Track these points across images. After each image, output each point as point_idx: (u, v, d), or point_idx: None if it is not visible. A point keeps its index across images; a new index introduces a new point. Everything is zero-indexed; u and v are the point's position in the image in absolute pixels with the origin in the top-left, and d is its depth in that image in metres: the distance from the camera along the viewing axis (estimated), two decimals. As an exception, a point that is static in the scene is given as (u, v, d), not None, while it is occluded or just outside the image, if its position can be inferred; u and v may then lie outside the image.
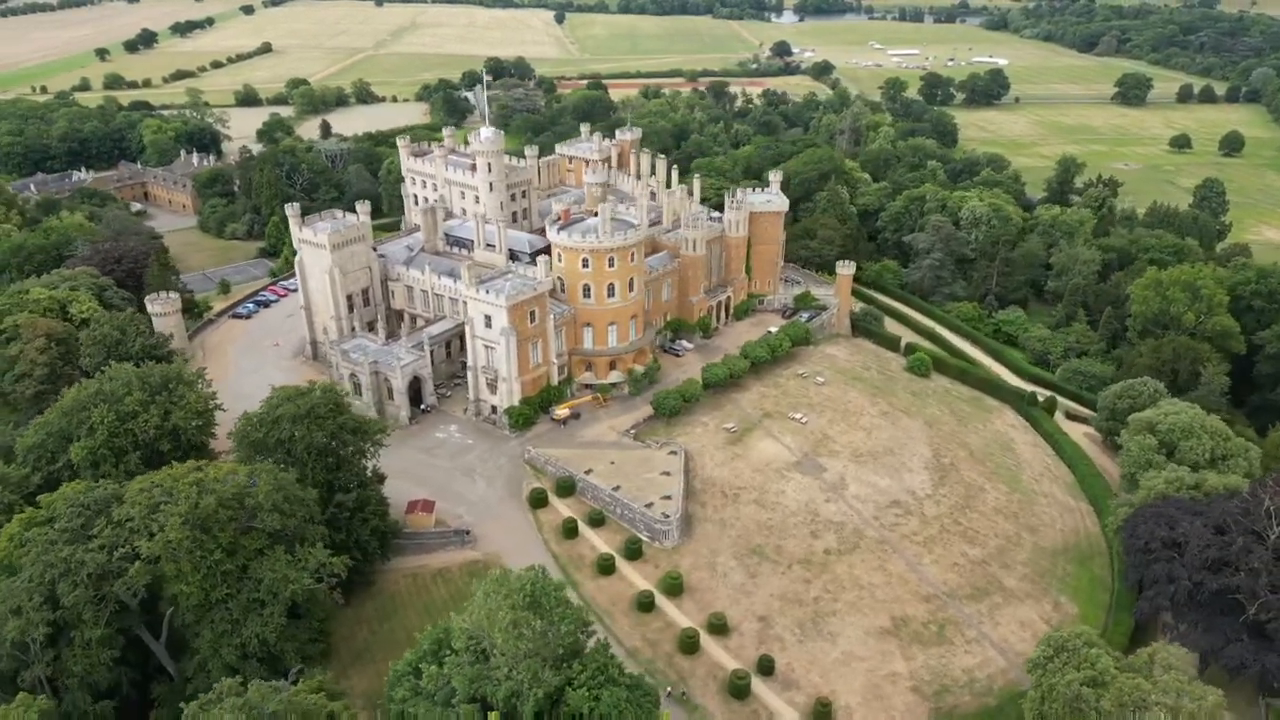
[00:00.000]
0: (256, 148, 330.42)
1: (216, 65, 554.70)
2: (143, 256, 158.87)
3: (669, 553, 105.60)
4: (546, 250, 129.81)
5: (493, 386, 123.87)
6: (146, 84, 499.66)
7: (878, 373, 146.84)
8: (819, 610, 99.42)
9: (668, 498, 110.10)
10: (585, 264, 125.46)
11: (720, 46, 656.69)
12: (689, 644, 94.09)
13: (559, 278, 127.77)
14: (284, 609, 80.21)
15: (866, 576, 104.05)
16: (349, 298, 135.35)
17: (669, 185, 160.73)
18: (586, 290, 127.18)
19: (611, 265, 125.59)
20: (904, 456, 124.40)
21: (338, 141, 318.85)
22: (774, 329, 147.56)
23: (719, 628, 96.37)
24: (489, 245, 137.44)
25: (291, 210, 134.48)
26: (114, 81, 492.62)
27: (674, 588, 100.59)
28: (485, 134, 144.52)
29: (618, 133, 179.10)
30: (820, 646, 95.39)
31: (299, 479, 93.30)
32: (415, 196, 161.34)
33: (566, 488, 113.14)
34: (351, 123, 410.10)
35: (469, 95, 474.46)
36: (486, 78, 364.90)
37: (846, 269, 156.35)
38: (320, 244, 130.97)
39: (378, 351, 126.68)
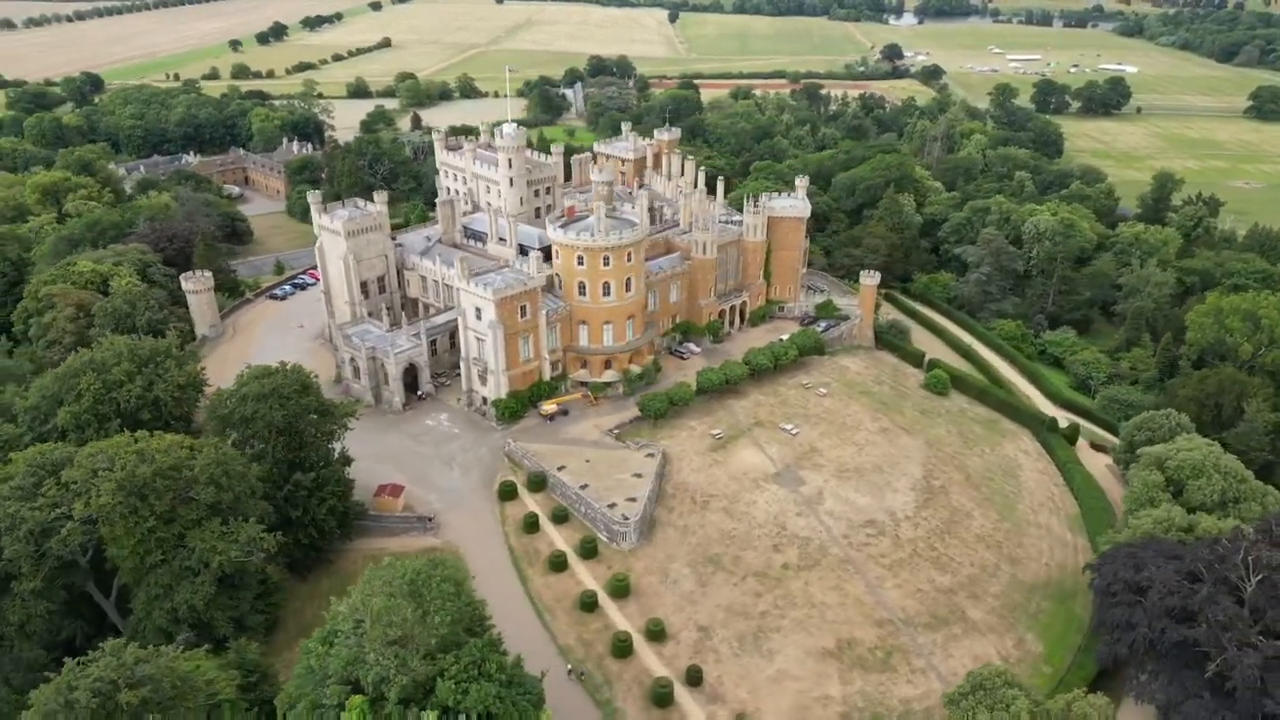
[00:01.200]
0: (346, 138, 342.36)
1: (337, 58, 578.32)
2: (194, 236, 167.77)
3: (624, 555, 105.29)
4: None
5: (484, 378, 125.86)
6: (270, 74, 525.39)
7: (889, 388, 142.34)
8: (763, 625, 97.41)
9: (632, 500, 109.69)
10: (580, 261, 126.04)
11: (830, 48, 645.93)
12: (621, 647, 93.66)
13: (556, 274, 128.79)
14: (214, 579, 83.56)
15: (821, 595, 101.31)
16: (364, 284, 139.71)
17: (696, 186, 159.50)
18: (582, 288, 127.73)
19: (606, 264, 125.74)
20: (892, 475, 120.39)
21: (422, 134, 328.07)
22: (785, 337, 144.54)
23: (656, 634, 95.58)
24: (501, 239, 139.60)
25: (313, 197, 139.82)
26: (240, 71, 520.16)
27: (620, 590, 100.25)
28: (507, 130, 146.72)
29: (656, 132, 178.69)
30: (755, 662, 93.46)
31: (257, 455, 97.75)
32: (447, 189, 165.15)
33: (538, 483, 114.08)
34: (450, 116, 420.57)
35: (567, 92, 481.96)
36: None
37: (870, 279, 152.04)
38: (336, 230, 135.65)
39: (379, 338, 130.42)
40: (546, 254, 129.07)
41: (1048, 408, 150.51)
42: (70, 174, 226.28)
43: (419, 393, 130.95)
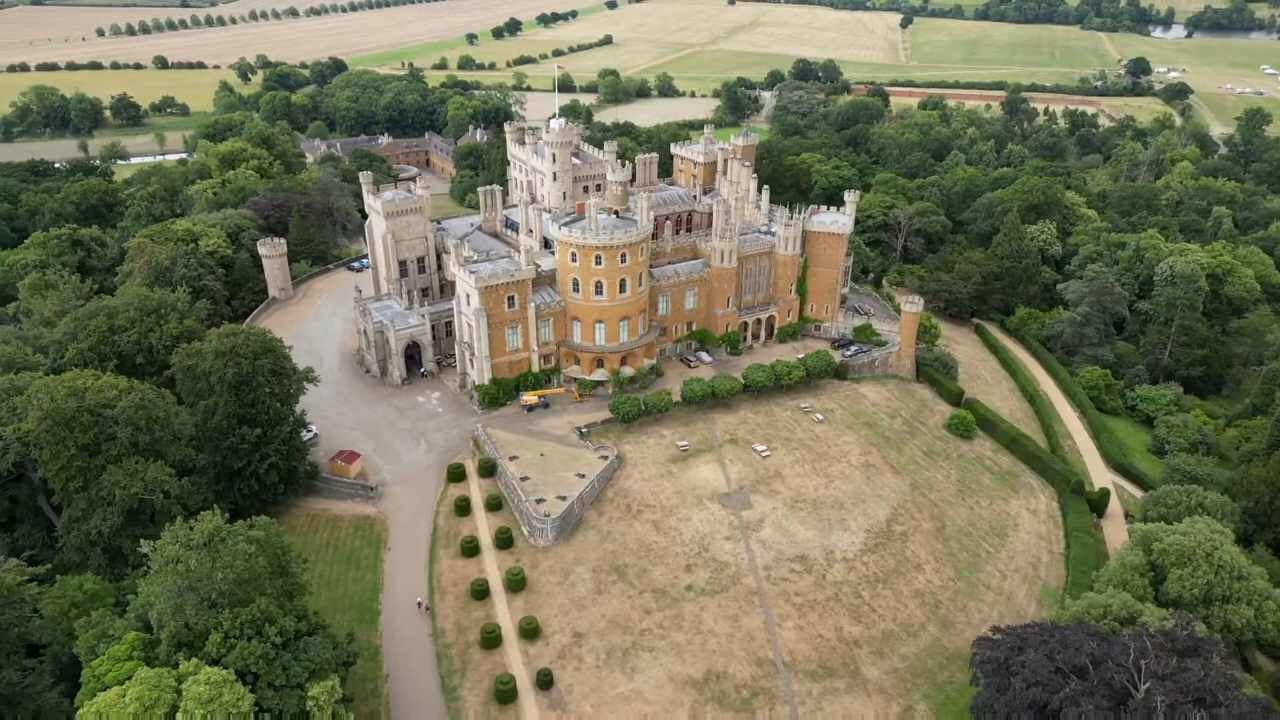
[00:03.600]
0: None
1: (557, 54, 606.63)
2: (299, 207, 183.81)
3: (536, 550, 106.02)
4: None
5: (473, 363, 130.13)
6: (490, 66, 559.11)
7: (903, 423, 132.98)
8: (639, 643, 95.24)
9: (563, 498, 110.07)
10: (574, 258, 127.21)
11: (1069, 60, 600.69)
12: (490, 639, 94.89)
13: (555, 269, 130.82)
14: (121, 510, 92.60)
15: (712, 623, 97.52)
16: (403, 263, 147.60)
17: (750, 193, 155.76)
18: (576, 285, 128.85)
19: (599, 263, 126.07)
20: (851, 513, 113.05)
21: (583, 127, 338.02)
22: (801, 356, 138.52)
23: (530, 632, 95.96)
24: (530, 230, 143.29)
25: (365, 178, 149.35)
26: (465, 63, 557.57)
27: (516, 584, 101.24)
28: (555, 125, 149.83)
29: (733, 137, 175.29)
30: (613, 678, 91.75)
31: (210, 407, 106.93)
32: (515, 180, 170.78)
33: (488, 468, 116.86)
34: (639, 113, 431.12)
35: (765, 94, 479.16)
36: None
37: (912, 307, 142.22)
38: (378, 211, 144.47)
39: (393, 315, 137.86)
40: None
41: (1096, 468, 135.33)
42: (249, 145, 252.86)
43: (422, 370, 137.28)
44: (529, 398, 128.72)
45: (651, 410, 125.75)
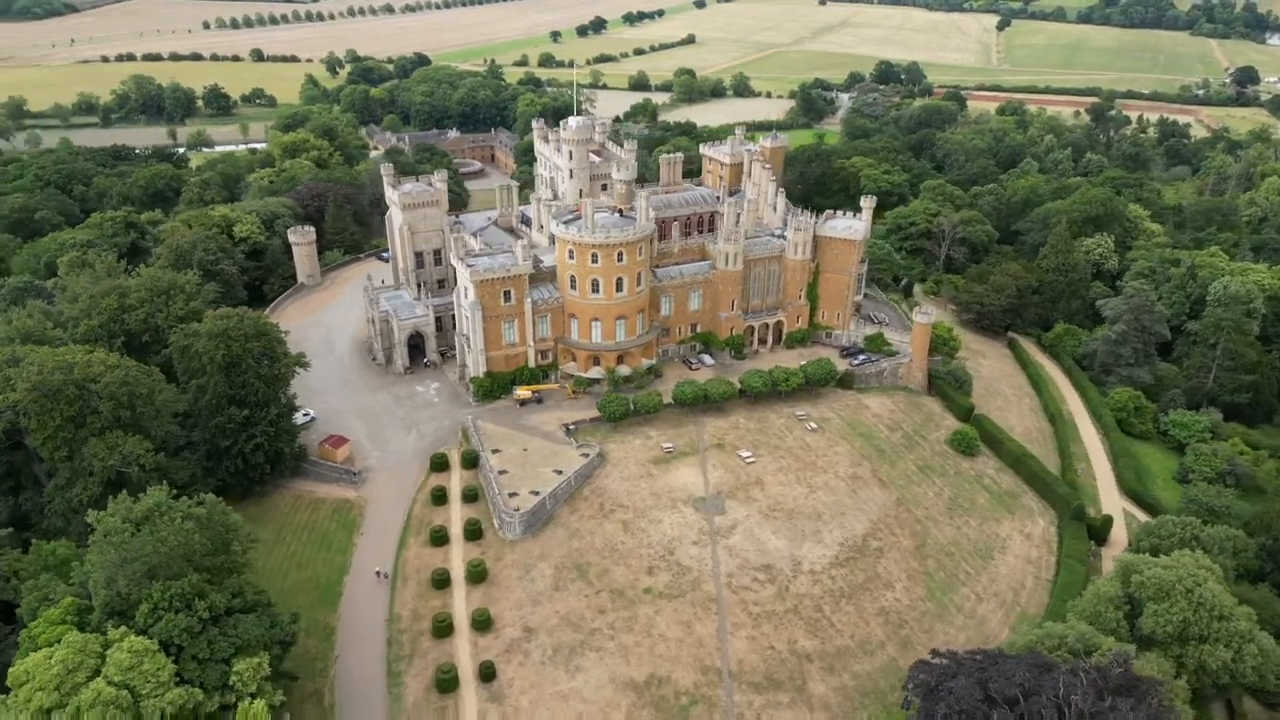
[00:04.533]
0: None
1: (638, 52, 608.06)
2: (336, 197, 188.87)
3: (502, 544, 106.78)
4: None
5: (470, 355, 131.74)
6: (570, 64, 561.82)
7: (902, 436, 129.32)
8: (587, 642, 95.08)
9: (536, 493, 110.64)
10: (571, 256, 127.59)
11: (1174, 67, 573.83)
12: (442, 628, 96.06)
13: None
14: (100, 482, 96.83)
15: (664, 627, 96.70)
16: (419, 255, 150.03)
17: (767, 196, 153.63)
18: (573, 282, 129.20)
19: (594, 261, 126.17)
20: (827, 526, 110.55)
21: (646, 127, 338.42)
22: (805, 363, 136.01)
23: (482, 624, 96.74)
24: (541, 226, 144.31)
25: (387, 170, 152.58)
26: (546, 60, 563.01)
27: (477, 575, 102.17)
28: (573, 123, 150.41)
29: (762, 139, 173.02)
30: (555, 675, 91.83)
31: (202, 386, 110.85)
32: (540, 176, 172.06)
33: (471, 460, 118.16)
34: (711, 113, 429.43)
35: (836, 96, 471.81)
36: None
37: (924, 318, 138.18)
38: (396, 203, 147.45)
39: (401, 305, 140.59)
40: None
41: (1108, 494, 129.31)
42: (311, 136, 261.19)
43: (425, 360, 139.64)
44: (522, 392, 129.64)
45: (641, 410, 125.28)
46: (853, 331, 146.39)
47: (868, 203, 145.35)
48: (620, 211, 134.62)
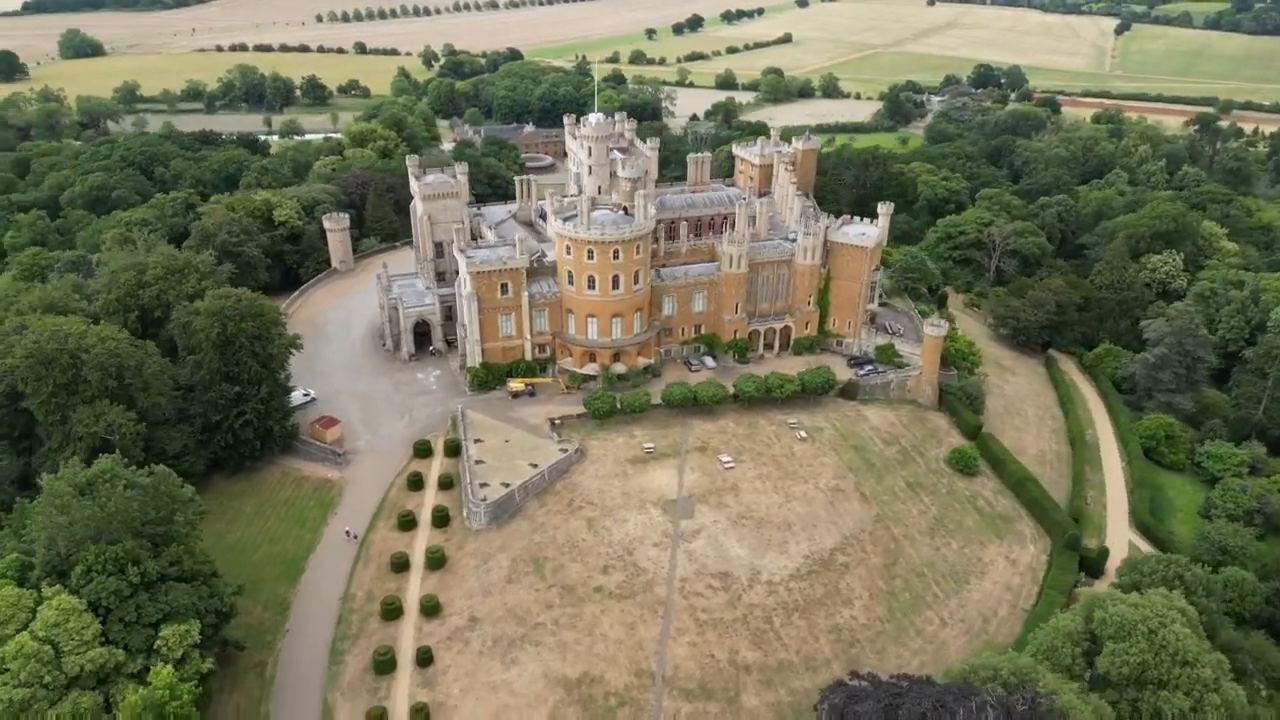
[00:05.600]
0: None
1: (731, 51, 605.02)
2: (379, 186, 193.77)
3: (467, 533, 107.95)
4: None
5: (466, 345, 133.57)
6: (661, 62, 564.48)
7: (898, 451, 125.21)
8: (529, 635, 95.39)
9: (506, 485, 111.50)
10: (568, 251, 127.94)
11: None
12: (391, 611, 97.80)
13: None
14: (87, 448, 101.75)
15: (606, 627, 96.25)
16: (439, 245, 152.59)
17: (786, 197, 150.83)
18: (570, 278, 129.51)
19: (590, 257, 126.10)
20: (796, 537, 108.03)
21: (715, 126, 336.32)
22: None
23: (430, 610, 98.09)
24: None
25: (411, 162, 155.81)
26: (636, 57, 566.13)
27: (436, 562, 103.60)
28: (592, 119, 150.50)
29: (794, 140, 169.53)
30: (490, 666, 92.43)
31: (199, 361, 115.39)
32: (571, 171, 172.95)
33: (453, 448, 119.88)
34: (795, 113, 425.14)
35: (927, 99, 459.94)
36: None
37: (936, 330, 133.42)
38: (418, 193, 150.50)
39: (411, 293, 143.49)
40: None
41: (1116, 525, 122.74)
42: (379, 126, 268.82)
43: (430, 348, 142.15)
44: (516, 385, 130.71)
45: (628, 409, 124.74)
46: (864, 341, 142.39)
47: (884, 209, 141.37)
48: (625, 209, 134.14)
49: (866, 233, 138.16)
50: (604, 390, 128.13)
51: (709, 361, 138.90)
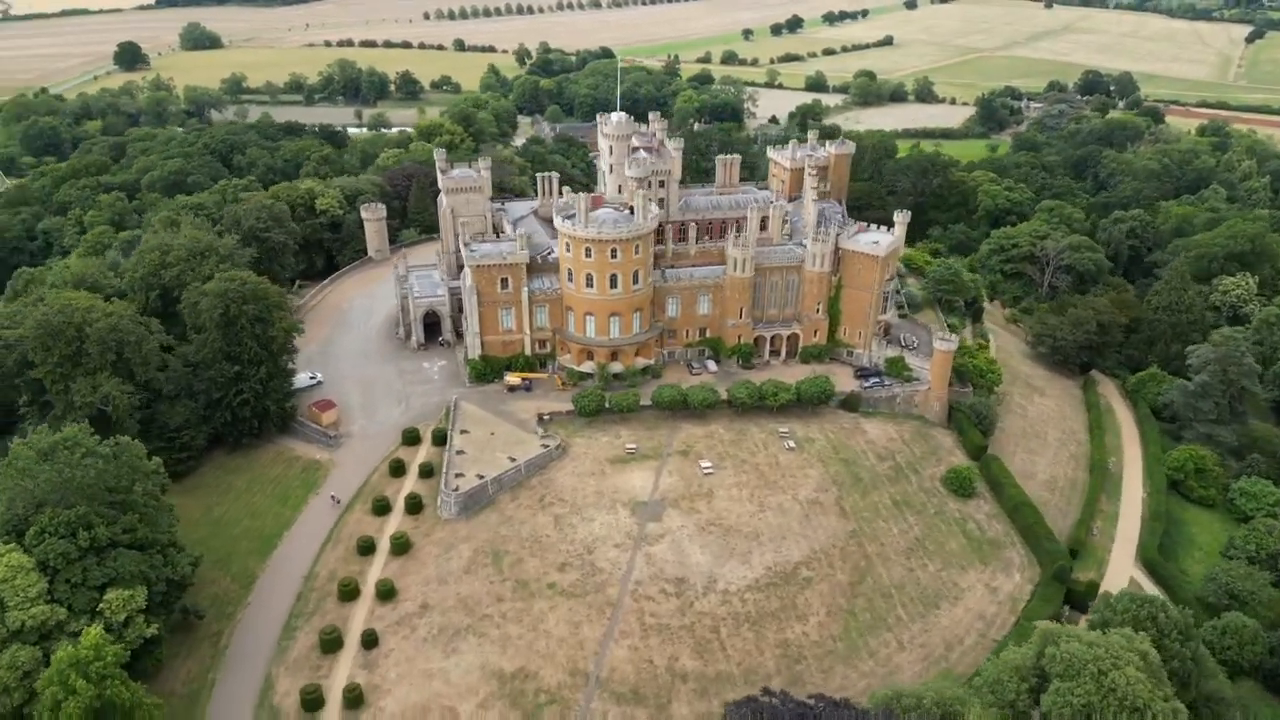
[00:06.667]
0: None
1: (828, 52, 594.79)
2: (422, 179, 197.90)
3: (436, 521, 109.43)
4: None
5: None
6: (754, 63, 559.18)
7: (890, 467, 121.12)
8: (474, 626, 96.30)
9: (481, 477, 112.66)
10: (568, 249, 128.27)
11: None
12: (347, 592, 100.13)
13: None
14: (84, 415, 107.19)
15: (551, 624, 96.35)
16: (467, 238, 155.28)
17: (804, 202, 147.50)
18: (570, 275, 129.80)
19: (588, 255, 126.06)
20: (762, 547, 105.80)
21: (779, 128, 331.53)
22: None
23: (386, 594, 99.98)
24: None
25: (439, 155, 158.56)
26: (728, 58, 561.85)
27: (399, 547, 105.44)
28: (614, 118, 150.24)
29: (829, 144, 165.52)
30: (430, 654, 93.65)
31: (204, 339, 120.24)
32: (600, 169, 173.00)
33: (440, 437, 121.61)
34: (884, 117, 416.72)
35: (1024, 105, 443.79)
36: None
37: (945, 344, 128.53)
38: (443, 187, 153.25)
39: (424, 285, 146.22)
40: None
41: (1120, 560, 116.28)
42: (447, 121, 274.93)
43: (440, 339, 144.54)
44: (512, 379, 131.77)
45: (617, 409, 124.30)
46: (874, 352, 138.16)
47: (900, 218, 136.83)
48: (632, 209, 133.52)
49: (879, 241, 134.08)
50: (596, 389, 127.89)
51: (711, 366, 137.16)
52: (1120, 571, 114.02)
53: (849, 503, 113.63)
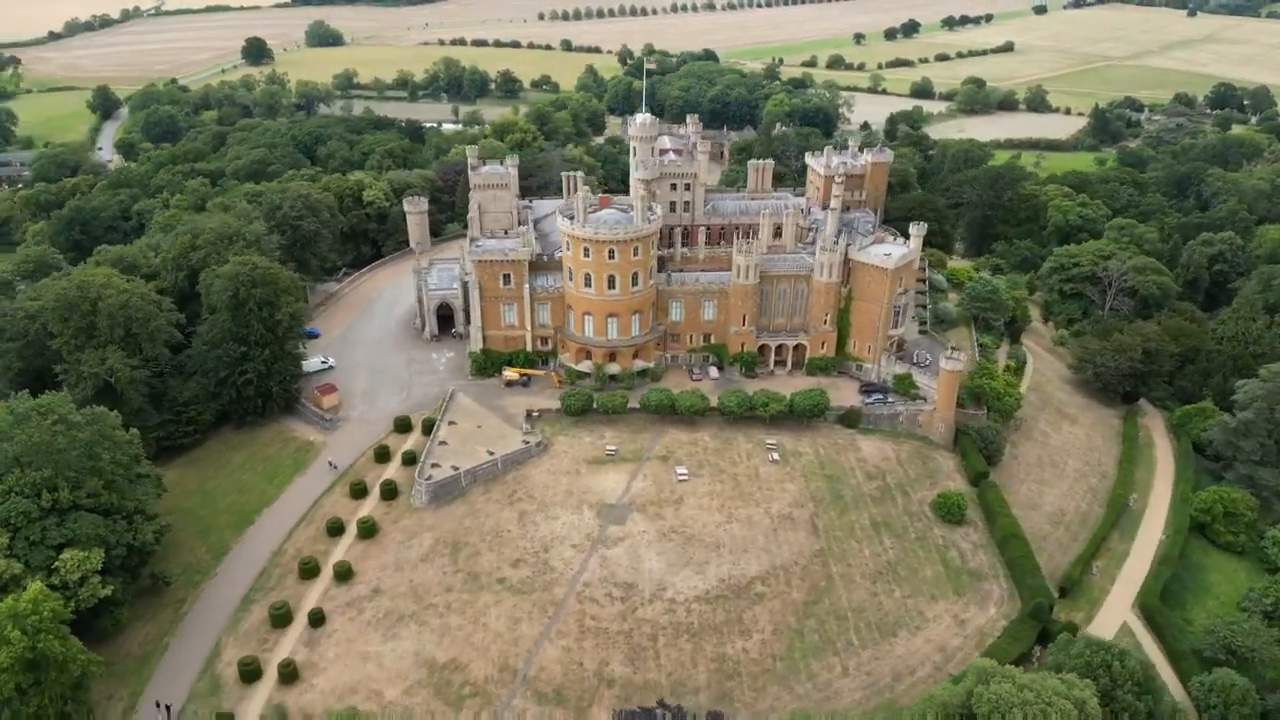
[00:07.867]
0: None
1: (940, 58, 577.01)
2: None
3: (407, 509, 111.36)
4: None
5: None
6: (860, 67, 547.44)
7: (878, 487, 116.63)
8: (418, 614, 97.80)
9: (455, 469, 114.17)
10: (568, 248, 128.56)
11: None
12: (308, 571, 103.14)
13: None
14: (92, 385, 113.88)
15: (492, 618, 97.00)
16: (490, 234, 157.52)
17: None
18: (570, 274, 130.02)
19: (586, 255, 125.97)
20: (720, 559, 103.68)
21: (857, 138, 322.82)
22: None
23: (343, 575, 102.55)
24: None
25: (471, 153, 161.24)
26: (834, 62, 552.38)
27: (366, 531, 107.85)
28: (639, 119, 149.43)
29: (866, 152, 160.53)
30: (370, 636, 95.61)
31: (215, 319, 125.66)
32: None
33: (429, 427, 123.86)
34: (988, 127, 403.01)
35: (1143, 118, 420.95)
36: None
37: (953, 364, 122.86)
38: (472, 184, 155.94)
39: (442, 278, 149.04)
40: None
41: (1116, 604, 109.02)
42: (521, 120, 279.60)
43: (453, 331, 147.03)
44: (510, 374, 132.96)
45: (605, 410, 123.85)
46: (883, 367, 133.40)
47: (916, 230, 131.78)
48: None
49: (890, 253, 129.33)
50: (586, 389, 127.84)
51: (714, 372, 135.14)
52: (1113, 615, 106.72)
53: (823, 520, 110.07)
